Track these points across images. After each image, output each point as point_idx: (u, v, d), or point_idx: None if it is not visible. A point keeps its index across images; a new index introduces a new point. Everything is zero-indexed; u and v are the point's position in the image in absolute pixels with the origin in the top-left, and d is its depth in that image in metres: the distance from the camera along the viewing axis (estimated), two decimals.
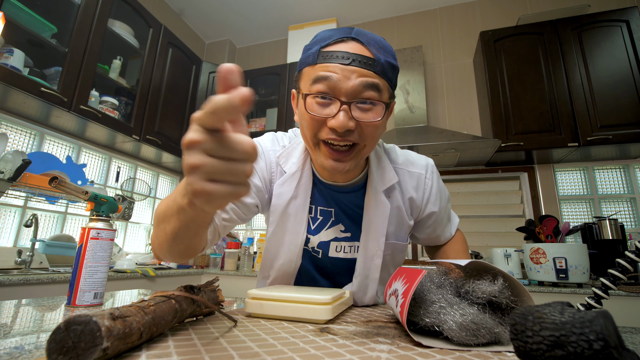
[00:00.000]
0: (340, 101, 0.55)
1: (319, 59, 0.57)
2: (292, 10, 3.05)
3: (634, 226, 2.18)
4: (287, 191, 0.69)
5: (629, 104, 1.99)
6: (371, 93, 0.56)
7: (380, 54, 0.57)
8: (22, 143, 1.94)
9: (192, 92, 2.81)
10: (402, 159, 0.75)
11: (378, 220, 0.69)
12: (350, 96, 0.55)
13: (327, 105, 0.57)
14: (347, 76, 0.55)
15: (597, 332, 0.23)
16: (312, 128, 0.59)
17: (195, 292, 0.47)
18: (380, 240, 0.69)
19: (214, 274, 2.35)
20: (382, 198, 0.69)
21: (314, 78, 0.57)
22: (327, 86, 0.56)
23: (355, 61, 0.55)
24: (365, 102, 0.56)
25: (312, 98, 0.57)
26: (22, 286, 1.35)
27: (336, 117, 0.55)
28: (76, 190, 0.70)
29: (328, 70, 0.55)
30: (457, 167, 2.57)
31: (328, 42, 0.57)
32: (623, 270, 0.44)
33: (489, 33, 2.38)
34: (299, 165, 0.70)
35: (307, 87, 0.58)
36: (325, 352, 0.35)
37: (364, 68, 0.55)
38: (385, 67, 0.57)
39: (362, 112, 0.56)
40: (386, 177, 0.70)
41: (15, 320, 0.53)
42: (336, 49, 0.56)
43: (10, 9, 1.62)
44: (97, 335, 0.28)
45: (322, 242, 0.72)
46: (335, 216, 0.72)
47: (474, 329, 0.38)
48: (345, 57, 0.55)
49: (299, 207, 0.70)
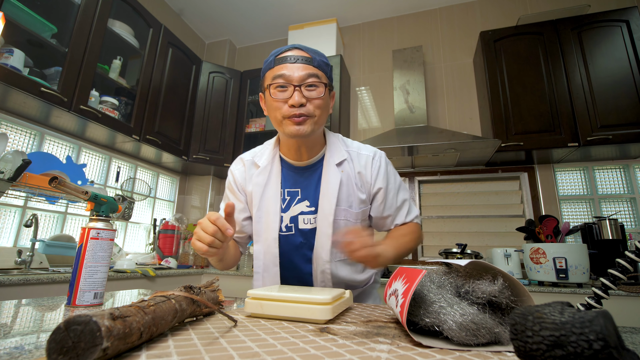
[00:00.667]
0: (294, 85, 0.81)
1: (275, 63, 0.84)
2: (292, 10, 3.05)
3: (634, 226, 2.18)
4: (261, 180, 0.92)
5: (629, 104, 1.99)
6: (313, 79, 0.82)
7: (316, 56, 0.84)
8: (22, 143, 1.94)
9: (192, 92, 2.81)
10: (355, 145, 0.97)
11: (330, 185, 0.88)
12: (299, 82, 0.81)
13: (284, 91, 0.82)
14: (295, 70, 0.81)
15: (597, 332, 0.23)
16: (277, 108, 0.83)
17: (195, 292, 0.47)
18: (332, 202, 0.87)
19: (214, 274, 2.35)
20: (334, 169, 0.90)
21: (273, 75, 0.82)
22: (283, 78, 0.81)
23: (300, 59, 0.82)
24: (311, 85, 0.82)
25: (274, 88, 0.82)
26: (22, 286, 1.35)
27: (292, 97, 0.81)
28: (76, 190, 0.70)
29: (282, 69, 0.82)
30: (457, 167, 2.57)
31: (280, 52, 0.85)
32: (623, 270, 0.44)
33: (489, 33, 2.38)
34: (269, 159, 0.94)
35: (269, 82, 0.83)
36: (325, 352, 0.35)
37: (306, 64, 0.82)
38: (320, 63, 0.84)
39: (309, 91, 0.82)
40: (339, 154, 0.92)
41: (15, 320, 0.53)
42: (286, 55, 0.83)
43: (10, 9, 1.62)
44: (97, 335, 0.28)
45: (292, 217, 0.91)
46: (302, 195, 0.92)
47: (474, 328, 0.38)
48: (293, 59, 0.82)
49: (272, 190, 0.91)
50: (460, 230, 2.48)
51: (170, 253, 2.54)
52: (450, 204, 2.55)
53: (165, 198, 3.01)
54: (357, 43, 3.16)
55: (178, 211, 3.08)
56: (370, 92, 2.97)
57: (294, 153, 0.91)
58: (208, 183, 3.13)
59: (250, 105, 3.05)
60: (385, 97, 2.89)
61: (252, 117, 3.08)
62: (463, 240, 2.39)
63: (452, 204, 2.54)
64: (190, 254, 2.55)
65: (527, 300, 0.41)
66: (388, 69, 2.94)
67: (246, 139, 2.92)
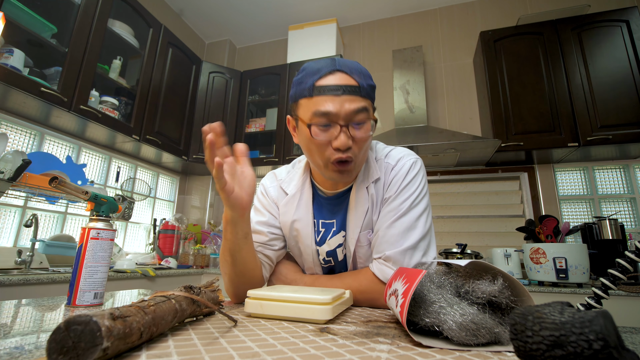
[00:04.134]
0: (340, 125, 0.67)
1: (314, 92, 0.68)
2: (292, 10, 3.05)
3: (634, 226, 2.18)
4: (290, 209, 0.81)
5: (629, 104, 1.99)
6: (361, 115, 0.68)
7: (362, 80, 0.69)
8: (22, 143, 1.94)
9: (192, 92, 2.81)
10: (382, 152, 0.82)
11: (358, 212, 0.76)
12: (345, 120, 0.67)
13: (328, 129, 0.68)
14: (341, 104, 0.66)
15: (597, 332, 0.23)
16: (320, 151, 0.70)
17: (195, 292, 0.47)
18: (356, 231, 0.76)
19: (214, 274, 2.35)
20: (364, 192, 0.77)
21: (315, 111, 0.67)
22: (328, 118, 0.67)
23: (346, 90, 0.67)
24: (358, 122, 0.68)
25: (316, 127, 0.68)
26: (22, 286, 1.35)
27: (338, 138, 0.67)
28: (76, 190, 0.70)
29: (326, 103, 0.67)
30: (457, 167, 2.57)
31: (319, 75, 0.68)
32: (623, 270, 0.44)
33: (489, 33, 2.38)
34: (298, 187, 0.82)
35: (307, 116, 0.69)
36: (325, 352, 0.35)
37: (353, 95, 0.67)
38: (368, 90, 0.70)
39: (356, 130, 0.68)
40: (371, 174, 0.78)
41: (15, 320, 0.53)
42: (327, 83, 0.67)
43: (10, 9, 1.62)
44: (97, 335, 0.28)
45: (329, 251, 0.81)
46: (337, 226, 0.80)
47: (474, 328, 0.38)
48: (336, 89, 0.67)
49: (303, 222, 0.81)
50: (460, 230, 2.48)
51: (170, 253, 2.54)
52: (450, 204, 2.55)
53: (165, 198, 3.01)
54: (357, 43, 3.16)
55: (178, 211, 3.08)
56: None
57: (329, 184, 0.80)
58: (208, 183, 3.13)
59: (250, 105, 3.05)
60: (385, 97, 2.89)
61: (252, 117, 3.08)
62: (463, 240, 2.39)
63: (452, 204, 2.54)
64: (190, 254, 2.55)
65: (527, 300, 0.41)
66: (388, 69, 2.94)
67: (246, 139, 2.92)
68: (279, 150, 2.72)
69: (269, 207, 0.84)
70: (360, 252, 0.77)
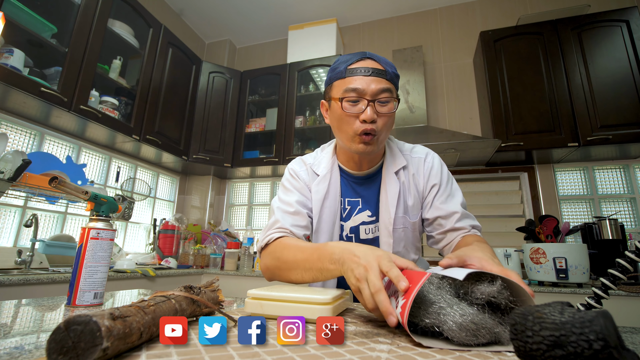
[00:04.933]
0: (367, 100, 0.77)
1: (347, 73, 0.79)
2: (292, 10, 3.05)
3: (634, 226, 2.18)
4: (321, 189, 0.89)
5: (629, 104, 1.99)
6: (386, 94, 0.78)
7: (388, 67, 0.80)
8: (22, 143, 1.94)
9: (192, 92, 2.81)
10: (407, 147, 0.94)
11: (390, 195, 0.86)
12: (372, 96, 0.77)
13: (356, 105, 0.78)
14: (369, 83, 0.77)
15: (597, 332, 0.23)
16: (349, 123, 0.80)
17: (195, 292, 0.47)
18: (391, 211, 0.85)
19: (214, 274, 2.35)
20: (393, 177, 0.88)
21: (346, 88, 0.78)
22: (357, 93, 0.77)
23: (374, 72, 0.78)
24: (383, 101, 0.78)
25: (346, 101, 0.78)
26: (22, 286, 1.35)
27: (365, 112, 0.77)
28: (76, 190, 0.70)
29: (355, 81, 0.78)
30: (457, 167, 2.57)
31: (351, 61, 0.80)
32: (623, 270, 0.44)
33: (489, 33, 2.38)
34: (328, 168, 0.91)
35: (339, 93, 0.80)
36: (325, 352, 0.35)
37: (380, 77, 0.78)
38: (393, 76, 0.81)
39: (381, 107, 0.78)
40: (397, 161, 0.90)
41: (15, 320, 0.53)
42: (358, 66, 0.79)
43: (10, 9, 1.62)
44: (97, 335, 0.28)
45: (352, 227, 0.89)
46: (362, 204, 0.90)
47: (474, 329, 0.38)
48: (366, 71, 0.78)
49: (332, 199, 0.89)
50: None
51: (170, 253, 2.54)
52: None
53: (165, 198, 3.01)
54: (357, 43, 3.16)
55: (178, 211, 3.08)
56: None
57: (353, 164, 0.89)
58: (208, 183, 3.13)
59: (250, 105, 3.05)
60: None
61: (252, 117, 3.08)
62: None
63: None
64: (190, 254, 2.55)
65: (527, 300, 0.41)
66: None
67: (246, 139, 2.92)
68: (279, 150, 2.72)
69: (302, 190, 0.91)
70: (400, 232, 0.86)
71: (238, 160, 2.85)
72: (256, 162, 2.79)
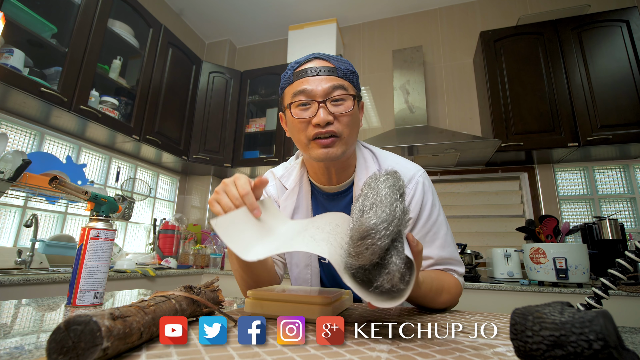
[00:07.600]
0: (317, 102, 0.70)
1: (294, 77, 0.73)
2: (292, 10, 3.05)
3: (634, 226, 2.18)
4: (289, 204, 0.83)
5: (629, 104, 1.99)
6: (339, 91, 0.70)
7: (340, 64, 0.73)
8: (22, 143, 1.94)
9: (192, 92, 2.81)
10: (390, 161, 0.81)
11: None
12: (322, 96, 0.70)
13: (308, 108, 0.71)
14: (318, 83, 0.70)
15: (597, 332, 0.23)
16: (301, 130, 0.72)
17: (195, 292, 0.47)
18: None
19: (214, 274, 2.35)
20: None
21: (294, 92, 0.71)
22: (305, 94, 0.70)
23: (322, 71, 0.71)
24: (337, 100, 0.70)
25: (295, 106, 0.72)
26: (22, 286, 1.35)
27: (317, 115, 0.69)
28: (76, 190, 0.70)
29: (303, 83, 0.71)
30: (457, 167, 2.56)
31: (298, 64, 0.74)
32: (623, 270, 0.44)
33: (489, 33, 2.38)
34: (297, 181, 0.84)
35: (289, 100, 0.73)
36: (325, 352, 0.35)
37: (329, 74, 0.71)
38: (346, 72, 0.73)
39: (336, 107, 0.70)
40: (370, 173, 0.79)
41: (15, 320, 0.53)
42: (305, 67, 0.72)
43: (10, 9, 1.62)
44: (97, 335, 0.28)
45: None
46: None
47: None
48: (314, 70, 0.71)
49: (302, 215, 0.82)
50: (460, 230, 2.48)
51: (170, 253, 2.54)
52: (450, 204, 2.55)
53: (165, 198, 3.01)
54: (357, 43, 3.16)
55: (178, 211, 3.08)
56: (370, 92, 2.97)
57: (322, 177, 0.80)
58: (208, 183, 3.13)
59: (250, 105, 3.05)
60: (385, 97, 2.89)
61: (252, 117, 3.08)
62: (463, 240, 2.39)
63: (452, 204, 2.54)
64: (190, 254, 2.55)
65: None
66: (388, 69, 2.94)
67: (246, 139, 2.92)
68: (279, 150, 2.72)
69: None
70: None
71: (238, 160, 2.85)
72: (256, 162, 2.79)
